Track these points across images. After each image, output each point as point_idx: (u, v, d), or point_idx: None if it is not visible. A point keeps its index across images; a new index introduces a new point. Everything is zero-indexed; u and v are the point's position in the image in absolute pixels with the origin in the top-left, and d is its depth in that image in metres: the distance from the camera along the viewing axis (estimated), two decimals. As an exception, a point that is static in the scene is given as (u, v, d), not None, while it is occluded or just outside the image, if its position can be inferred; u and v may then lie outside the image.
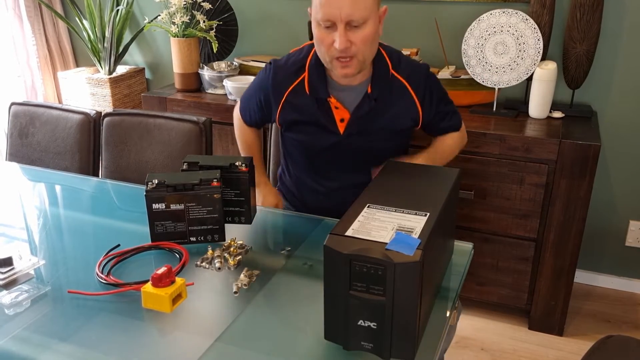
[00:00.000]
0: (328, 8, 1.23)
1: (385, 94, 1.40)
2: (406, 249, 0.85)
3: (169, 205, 1.23)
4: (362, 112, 1.41)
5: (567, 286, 2.00)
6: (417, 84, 1.43)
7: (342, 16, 1.22)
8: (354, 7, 1.22)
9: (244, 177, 1.30)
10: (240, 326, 1.02)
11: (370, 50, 1.31)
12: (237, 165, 1.31)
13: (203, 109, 2.34)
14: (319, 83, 1.39)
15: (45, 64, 2.94)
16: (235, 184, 1.31)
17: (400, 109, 1.43)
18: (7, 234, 1.39)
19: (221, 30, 2.58)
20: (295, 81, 1.43)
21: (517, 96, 2.27)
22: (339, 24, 1.23)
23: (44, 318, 1.05)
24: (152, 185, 1.23)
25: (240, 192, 1.32)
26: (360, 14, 1.23)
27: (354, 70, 1.32)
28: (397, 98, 1.42)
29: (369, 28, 1.26)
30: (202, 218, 1.25)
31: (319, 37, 1.30)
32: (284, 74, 1.45)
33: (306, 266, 1.21)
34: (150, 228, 1.25)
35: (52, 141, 2.02)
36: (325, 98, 1.40)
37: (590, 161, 1.83)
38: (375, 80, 1.39)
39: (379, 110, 1.42)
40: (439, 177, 1.14)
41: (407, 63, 1.44)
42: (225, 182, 1.31)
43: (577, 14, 1.98)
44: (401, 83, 1.42)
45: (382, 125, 1.43)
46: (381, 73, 1.39)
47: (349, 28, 1.25)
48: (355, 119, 1.41)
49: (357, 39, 1.26)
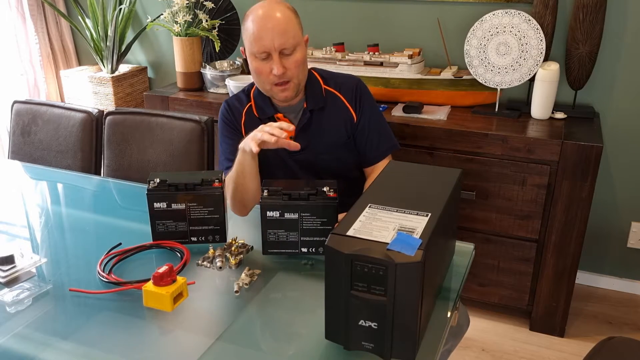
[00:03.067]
0: (262, 41, 1.40)
1: (320, 105, 1.55)
2: (407, 249, 0.85)
3: (170, 205, 1.23)
4: (304, 126, 1.54)
5: (568, 287, 2.00)
6: (348, 92, 1.57)
7: (276, 46, 1.40)
8: (284, 37, 1.40)
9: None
10: (241, 325, 1.02)
11: (302, 73, 1.48)
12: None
13: (205, 108, 2.35)
14: (264, 105, 1.55)
15: (48, 63, 2.94)
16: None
17: (337, 120, 1.56)
18: (9, 232, 1.40)
19: (223, 30, 2.58)
20: (245, 108, 1.58)
21: (520, 97, 2.27)
22: (274, 53, 1.41)
23: (45, 316, 1.05)
24: (153, 184, 1.23)
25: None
26: (290, 42, 1.41)
27: (292, 92, 1.48)
28: (332, 109, 1.56)
29: (299, 53, 1.44)
30: (204, 218, 1.25)
31: (256, 68, 1.45)
32: (235, 106, 1.60)
33: (307, 266, 1.21)
34: (152, 227, 1.25)
35: (54, 139, 2.02)
36: (272, 115, 1.54)
37: (593, 162, 1.83)
38: (309, 96, 1.55)
39: (317, 123, 1.55)
40: (441, 177, 1.14)
41: (338, 77, 1.61)
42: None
43: (580, 15, 1.98)
44: (333, 94, 1.58)
45: (325, 136, 1.56)
46: (314, 89, 1.56)
47: (282, 56, 1.42)
48: (300, 133, 1.53)
49: (290, 65, 1.43)
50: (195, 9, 2.44)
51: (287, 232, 1.20)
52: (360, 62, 2.23)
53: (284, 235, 1.20)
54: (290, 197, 1.17)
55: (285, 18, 1.41)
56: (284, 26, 1.40)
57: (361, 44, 2.39)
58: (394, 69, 2.18)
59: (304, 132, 1.54)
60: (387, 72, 2.19)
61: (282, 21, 1.40)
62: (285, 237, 1.20)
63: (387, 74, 2.19)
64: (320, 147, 1.55)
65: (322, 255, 1.22)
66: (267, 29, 1.39)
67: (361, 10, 2.41)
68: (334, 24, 2.47)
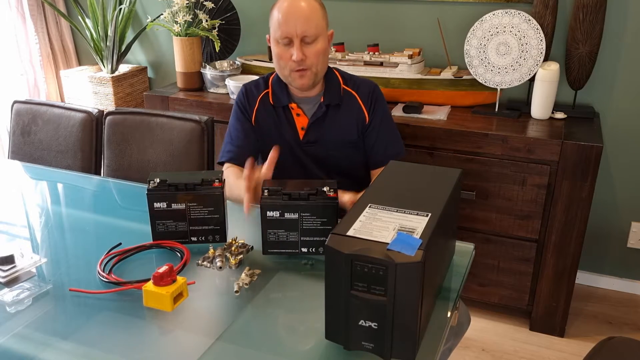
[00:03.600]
0: (286, 27, 1.45)
1: (337, 102, 1.59)
2: (407, 249, 0.85)
3: (171, 205, 1.23)
4: (318, 119, 1.59)
5: (568, 287, 2.00)
6: (364, 92, 1.63)
7: (298, 32, 1.45)
8: (307, 25, 1.45)
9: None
10: (241, 325, 1.02)
11: (322, 63, 1.52)
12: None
13: (205, 108, 2.35)
14: (281, 93, 1.60)
15: (48, 63, 2.94)
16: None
17: (350, 118, 1.61)
18: (9, 232, 1.40)
19: (224, 30, 2.58)
20: (260, 95, 1.63)
21: (520, 97, 2.27)
22: (295, 39, 1.46)
23: (45, 316, 1.05)
24: (153, 184, 1.23)
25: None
26: (312, 31, 1.46)
27: (309, 80, 1.52)
28: (347, 108, 1.61)
29: (320, 44, 1.49)
30: (204, 218, 1.25)
31: (278, 53, 1.50)
32: (252, 91, 1.65)
33: (307, 266, 1.21)
34: (152, 227, 1.25)
35: (54, 139, 2.02)
36: (287, 104, 1.60)
37: (593, 162, 1.83)
38: (327, 91, 1.60)
39: (331, 118, 1.60)
40: (441, 177, 1.14)
41: (357, 79, 1.66)
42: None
43: (580, 15, 1.98)
44: (351, 95, 1.62)
45: (336, 133, 1.60)
46: (333, 85, 1.61)
47: (304, 44, 1.47)
48: (312, 125, 1.59)
49: (310, 53, 1.48)
50: (195, 9, 2.44)
51: (287, 232, 1.20)
52: (360, 62, 2.24)
53: (284, 235, 1.20)
54: (290, 197, 1.17)
55: (310, 7, 1.46)
56: (307, 14, 1.45)
57: (361, 44, 2.39)
58: (394, 69, 2.18)
59: (317, 125, 1.59)
60: (387, 72, 2.19)
61: (306, 9, 1.45)
62: (286, 237, 1.20)
63: (387, 74, 2.19)
64: (330, 142, 1.60)
65: (322, 255, 1.22)
66: (291, 15, 1.45)
67: (361, 10, 2.41)
68: (334, 24, 2.47)
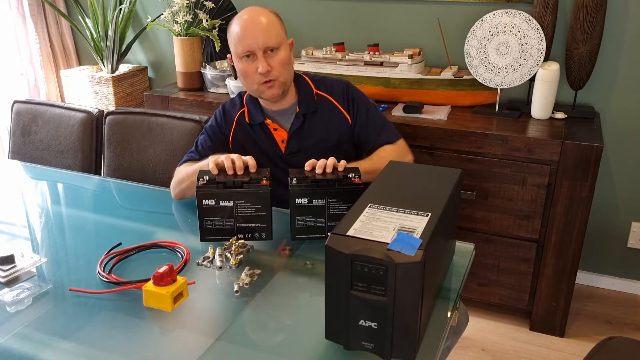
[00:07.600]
0: (246, 41, 1.45)
1: (313, 110, 1.58)
2: (407, 249, 0.85)
3: (219, 202, 1.24)
4: (296, 130, 1.58)
5: (568, 287, 2.00)
6: (339, 95, 1.61)
7: (259, 44, 1.44)
8: (267, 36, 1.45)
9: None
10: (241, 325, 1.02)
11: (287, 72, 1.51)
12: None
13: (205, 107, 2.35)
14: (255, 111, 1.59)
15: (48, 62, 2.94)
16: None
17: (331, 123, 1.59)
18: (9, 231, 1.40)
19: (224, 30, 2.58)
20: (237, 114, 1.63)
21: (520, 97, 2.27)
22: (258, 52, 1.45)
23: (45, 316, 1.05)
24: (203, 181, 1.24)
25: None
26: (273, 41, 1.45)
27: (279, 90, 1.50)
28: (325, 112, 1.59)
29: (283, 53, 1.48)
30: (250, 216, 1.26)
31: (242, 69, 1.49)
32: (229, 112, 1.64)
33: (307, 266, 1.21)
34: (200, 224, 1.26)
35: (54, 139, 2.02)
36: (262, 121, 1.59)
37: (593, 162, 1.83)
38: (301, 100, 1.59)
39: (311, 126, 1.58)
40: (441, 177, 1.14)
41: (328, 81, 1.64)
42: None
43: (580, 15, 1.98)
44: (326, 98, 1.60)
45: (317, 139, 1.58)
46: (306, 93, 1.59)
47: (267, 55, 1.46)
48: (292, 136, 1.58)
49: (275, 63, 1.47)
50: (196, 8, 2.44)
51: (315, 218, 1.26)
52: (361, 62, 2.24)
53: (312, 220, 1.26)
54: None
55: (267, 19, 1.46)
56: (266, 26, 1.45)
57: (361, 44, 2.39)
58: (394, 69, 2.18)
59: (297, 135, 1.58)
60: (387, 72, 2.19)
61: (264, 22, 1.45)
62: (313, 222, 1.26)
63: (387, 74, 2.19)
64: (312, 149, 1.57)
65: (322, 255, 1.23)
66: (250, 28, 1.45)
67: (362, 10, 2.41)
68: (334, 24, 2.47)
